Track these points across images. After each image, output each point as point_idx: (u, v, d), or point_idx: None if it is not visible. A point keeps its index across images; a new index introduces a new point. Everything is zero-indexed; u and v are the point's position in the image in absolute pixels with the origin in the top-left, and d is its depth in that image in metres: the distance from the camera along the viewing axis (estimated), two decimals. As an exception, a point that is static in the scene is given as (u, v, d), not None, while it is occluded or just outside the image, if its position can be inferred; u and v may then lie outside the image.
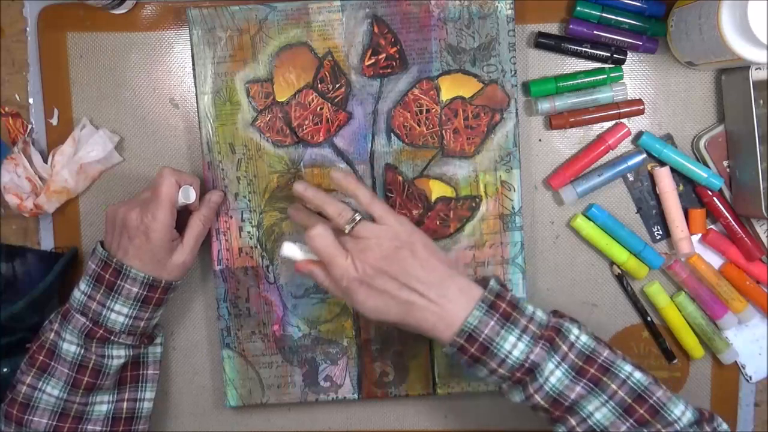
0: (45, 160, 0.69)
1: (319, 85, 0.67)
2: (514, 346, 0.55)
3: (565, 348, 0.55)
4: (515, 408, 0.73)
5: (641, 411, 0.54)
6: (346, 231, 0.58)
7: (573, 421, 0.55)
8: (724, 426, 0.56)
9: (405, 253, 0.57)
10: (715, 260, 0.71)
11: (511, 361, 0.55)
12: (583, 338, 0.56)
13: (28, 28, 0.70)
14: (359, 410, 0.73)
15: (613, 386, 0.55)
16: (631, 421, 0.55)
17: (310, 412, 0.73)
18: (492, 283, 0.57)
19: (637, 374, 0.55)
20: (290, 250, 0.61)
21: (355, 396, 0.70)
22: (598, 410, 0.55)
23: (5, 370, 0.67)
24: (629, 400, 0.55)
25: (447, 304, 0.56)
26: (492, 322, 0.55)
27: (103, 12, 0.69)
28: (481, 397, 0.73)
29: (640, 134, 0.69)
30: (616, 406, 0.55)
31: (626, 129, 0.69)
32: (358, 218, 0.58)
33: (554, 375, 0.55)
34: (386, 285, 0.56)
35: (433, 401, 0.73)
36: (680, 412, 0.55)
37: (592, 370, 0.55)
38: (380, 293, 0.57)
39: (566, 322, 0.57)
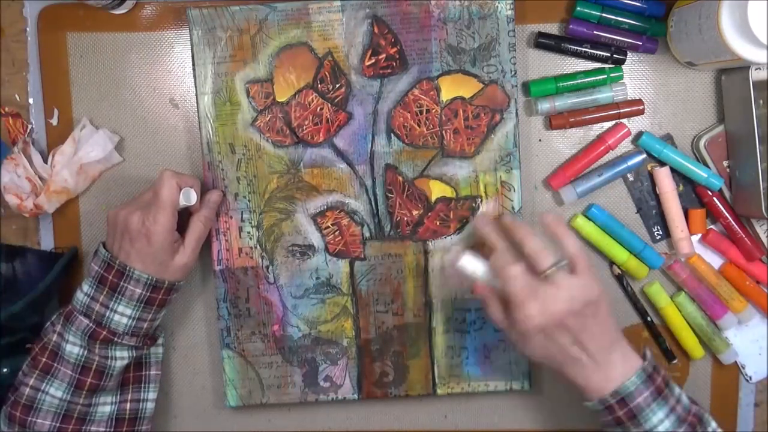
0: (45, 160, 0.69)
1: (319, 86, 0.67)
2: (661, 422, 0.56)
3: None
4: (515, 408, 0.73)
5: None
6: (545, 274, 0.57)
7: None
8: None
9: (590, 311, 0.57)
10: (715, 260, 0.71)
11: None
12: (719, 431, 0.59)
13: (28, 28, 0.70)
14: (359, 410, 0.73)
15: None
16: None
17: (310, 412, 0.73)
18: (649, 355, 0.59)
19: None
20: (472, 265, 0.60)
21: (355, 396, 0.70)
22: None
23: (5, 370, 0.67)
24: None
25: (608, 366, 0.57)
26: (647, 393, 0.56)
27: (103, 12, 0.69)
28: (481, 397, 0.73)
29: (640, 134, 0.69)
30: None
31: (626, 129, 0.69)
32: (562, 264, 0.57)
33: None
34: (562, 339, 0.57)
35: (433, 401, 0.73)
36: None
37: None
38: (553, 344, 0.57)
39: (706, 414, 0.59)
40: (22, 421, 0.61)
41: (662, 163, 0.69)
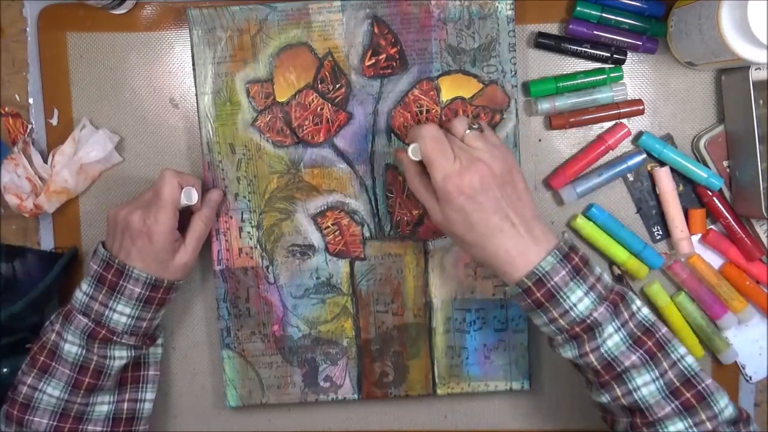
0: (45, 160, 0.69)
1: (320, 86, 0.67)
2: (580, 300, 0.55)
3: (626, 315, 0.56)
4: (515, 408, 0.73)
5: (688, 395, 0.55)
6: (465, 132, 0.57)
7: (619, 391, 0.55)
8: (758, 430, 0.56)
9: (508, 179, 0.56)
10: (715, 260, 0.71)
11: (574, 314, 0.55)
12: (645, 311, 0.57)
13: (28, 28, 0.70)
14: (359, 410, 0.73)
15: (665, 364, 0.55)
16: (677, 403, 0.55)
17: (310, 412, 0.73)
18: (566, 236, 0.57)
19: (690, 359, 0.56)
20: (415, 151, 0.59)
21: (355, 396, 0.70)
22: (647, 386, 0.55)
23: (5, 370, 0.67)
24: (677, 383, 0.55)
25: (530, 240, 0.55)
26: (563, 272, 0.55)
27: (103, 12, 0.69)
28: (481, 397, 0.73)
29: (640, 134, 0.69)
30: (664, 385, 0.55)
31: (626, 129, 0.69)
32: (475, 127, 0.57)
33: (612, 339, 0.55)
34: (486, 203, 0.55)
35: (433, 401, 0.73)
36: (724, 404, 0.55)
37: (649, 343, 0.55)
38: (475, 209, 0.55)
39: (630, 293, 0.57)
40: (19, 419, 0.61)
41: (662, 163, 0.69)
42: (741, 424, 0.55)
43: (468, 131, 0.57)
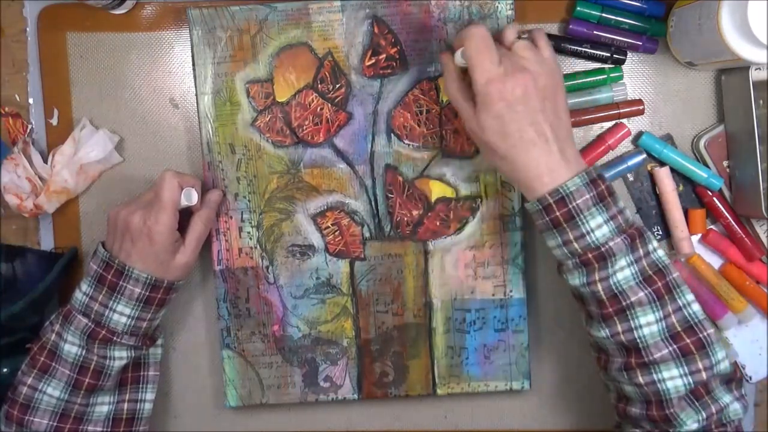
0: (45, 160, 0.69)
1: (319, 86, 0.67)
2: (598, 227, 0.54)
3: (641, 252, 0.56)
4: (515, 408, 0.73)
5: (688, 341, 0.55)
6: (511, 40, 0.56)
7: (620, 327, 0.55)
8: (739, 409, 0.56)
9: (549, 93, 0.55)
10: (715, 260, 0.71)
11: (591, 239, 0.55)
12: (660, 252, 0.57)
13: (28, 28, 0.70)
14: (359, 410, 0.73)
15: (670, 307, 0.55)
16: (675, 347, 0.55)
17: (310, 412, 0.73)
18: (597, 167, 0.57)
19: (696, 306, 0.56)
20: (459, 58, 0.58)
21: (355, 396, 0.70)
22: (649, 326, 0.55)
23: (5, 370, 0.67)
24: (680, 328, 0.55)
25: (560, 161, 0.55)
26: (587, 196, 0.54)
27: (103, 12, 0.69)
28: (481, 397, 0.73)
29: (640, 134, 0.69)
30: (666, 327, 0.55)
31: (626, 129, 0.69)
32: (525, 36, 0.56)
33: (623, 272, 0.55)
34: (523, 114, 0.54)
35: (433, 401, 0.73)
36: (721, 357, 0.55)
37: (659, 284, 0.55)
38: (513, 118, 0.54)
39: (649, 232, 0.57)
40: (19, 420, 0.61)
41: (662, 163, 0.69)
42: (734, 384, 0.55)
43: (518, 40, 0.56)
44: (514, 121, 0.54)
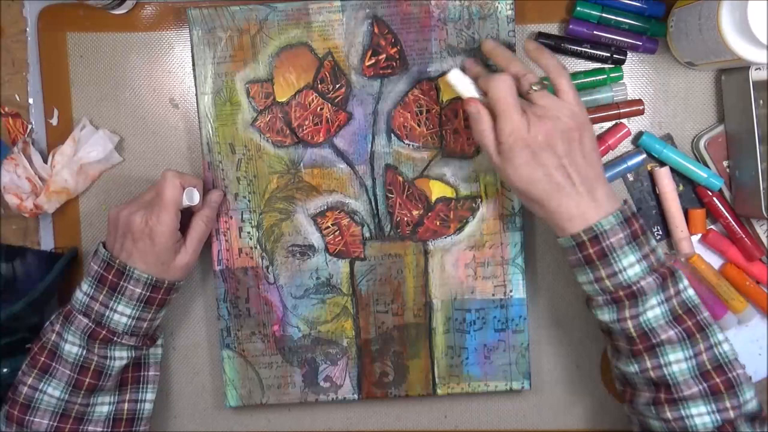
0: (45, 160, 0.69)
1: (320, 86, 0.67)
2: (631, 265, 0.55)
3: (672, 291, 0.56)
4: (515, 408, 0.73)
5: (718, 380, 0.55)
6: (530, 92, 0.57)
7: (649, 363, 0.56)
8: None
9: (575, 136, 0.56)
10: (715, 260, 0.71)
11: (623, 277, 0.55)
12: (690, 291, 0.57)
13: (28, 28, 0.70)
14: (359, 410, 0.73)
15: (701, 346, 0.56)
16: (705, 385, 0.55)
17: (310, 412, 0.73)
18: (630, 203, 0.58)
19: (726, 346, 0.56)
20: (458, 78, 0.59)
21: (355, 396, 0.70)
22: (678, 363, 0.56)
23: (5, 370, 0.67)
24: (710, 366, 0.56)
25: (591, 200, 0.56)
26: (621, 235, 0.55)
27: (103, 12, 0.69)
28: (481, 397, 0.73)
29: (640, 134, 0.69)
30: (696, 365, 0.56)
31: (626, 129, 0.69)
32: (546, 84, 0.57)
33: (654, 310, 0.56)
34: (549, 160, 0.55)
35: (433, 401, 0.73)
36: (750, 397, 0.56)
37: (689, 322, 0.56)
38: (539, 165, 0.55)
39: (680, 271, 0.58)
40: (19, 420, 0.61)
41: (662, 163, 0.69)
42: (758, 422, 0.56)
43: (533, 89, 0.57)
44: (541, 167, 0.55)
